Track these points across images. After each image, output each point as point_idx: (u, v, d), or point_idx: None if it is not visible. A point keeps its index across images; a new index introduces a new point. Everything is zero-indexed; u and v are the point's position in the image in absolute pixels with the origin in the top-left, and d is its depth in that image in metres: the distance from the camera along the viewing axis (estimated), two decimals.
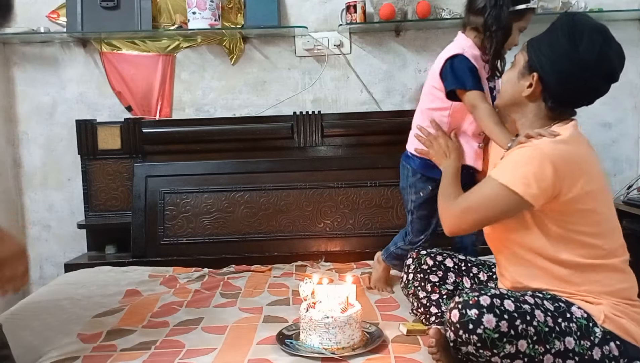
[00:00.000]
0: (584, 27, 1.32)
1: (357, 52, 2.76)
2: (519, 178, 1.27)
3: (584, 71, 1.31)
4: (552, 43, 1.34)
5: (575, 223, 1.30)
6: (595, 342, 1.24)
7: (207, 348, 1.45)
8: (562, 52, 1.31)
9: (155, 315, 1.73)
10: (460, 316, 1.20)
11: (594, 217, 1.31)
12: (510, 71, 1.45)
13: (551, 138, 1.30)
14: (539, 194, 1.26)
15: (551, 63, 1.33)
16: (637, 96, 2.77)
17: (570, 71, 1.32)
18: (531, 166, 1.27)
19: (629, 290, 1.34)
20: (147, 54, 2.74)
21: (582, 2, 2.59)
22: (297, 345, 1.43)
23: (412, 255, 1.69)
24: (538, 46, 1.37)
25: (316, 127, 2.67)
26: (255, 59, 2.76)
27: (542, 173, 1.25)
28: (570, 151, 1.29)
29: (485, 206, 1.34)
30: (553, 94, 1.36)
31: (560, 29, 1.34)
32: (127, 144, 2.65)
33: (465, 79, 1.63)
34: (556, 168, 1.25)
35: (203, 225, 2.51)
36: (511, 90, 1.42)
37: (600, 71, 1.33)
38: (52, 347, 1.49)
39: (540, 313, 1.22)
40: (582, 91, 1.37)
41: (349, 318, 1.41)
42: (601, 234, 1.32)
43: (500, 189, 1.30)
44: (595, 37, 1.31)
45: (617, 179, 2.76)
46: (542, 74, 1.34)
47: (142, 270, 2.31)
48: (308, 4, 2.72)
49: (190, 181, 2.57)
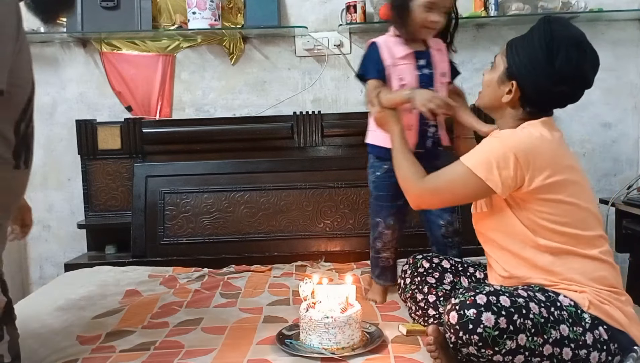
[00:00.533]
0: (560, 41, 1.35)
1: (357, 52, 2.75)
2: (483, 163, 1.35)
3: (560, 85, 1.37)
4: (530, 54, 1.39)
5: (543, 212, 1.35)
6: (586, 327, 1.26)
7: (207, 348, 1.45)
8: (539, 66, 1.37)
9: (155, 315, 1.73)
10: (459, 317, 1.20)
11: (562, 207, 1.34)
12: (490, 74, 1.48)
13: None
14: (501, 182, 1.33)
15: (529, 74, 1.39)
16: (637, 96, 2.77)
17: (546, 84, 1.38)
18: (495, 155, 1.34)
19: (610, 279, 1.36)
20: (147, 54, 2.74)
21: (582, 2, 2.59)
22: (297, 345, 1.43)
23: (409, 261, 1.69)
24: (517, 53, 1.41)
25: (316, 127, 2.67)
26: (255, 59, 2.76)
27: (505, 162, 1.32)
28: (534, 144, 1.34)
29: (451, 188, 1.42)
30: (531, 101, 1.42)
31: (538, 40, 1.38)
32: (127, 144, 2.65)
33: (367, 67, 1.77)
34: (518, 159, 1.31)
35: (203, 225, 2.51)
36: (491, 94, 1.47)
37: (575, 83, 1.40)
38: (51, 350, 1.49)
39: (534, 305, 1.24)
40: (558, 99, 1.43)
41: (348, 318, 1.41)
42: (573, 223, 1.35)
43: (465, 173, 1.37)
44: (572, 52, 1.35)
45: (617, 179, 2.76)
46: (520, 82, 1.40)
47: (141, 270, 2.31)
48: (308, 4, 2.72)
49: (190, 181, 2.57)
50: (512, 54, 1.41)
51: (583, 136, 2.76)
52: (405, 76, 1.74)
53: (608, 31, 2.71)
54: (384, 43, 1.76)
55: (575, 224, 1.35)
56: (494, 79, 1.46)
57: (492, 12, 2.56)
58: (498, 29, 2.72)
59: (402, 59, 1.74)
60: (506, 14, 2.59)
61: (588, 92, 2.84)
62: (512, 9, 2.57)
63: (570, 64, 1.35)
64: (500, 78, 1.43)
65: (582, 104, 2.72)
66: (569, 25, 1.40)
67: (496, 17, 2.58)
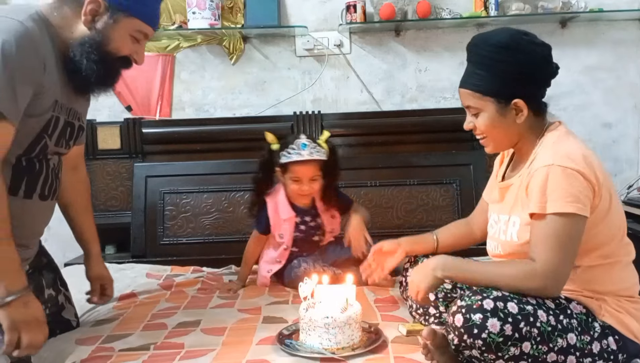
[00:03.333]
0: (510, 40, 1.35)
1: (357, 52, 2.75)
2: (564, 199, 1.23)
3: (543, 65, 1.36)
4: (503, 68, 1.34)
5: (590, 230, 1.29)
6: (595, 336, 1.25)
7: (207, 349, 1.44)
8: (520, 67, 1.34)
9: (153, 317, 1.72)
10: (464, 320, 1.19)
11: (602, 216, 1.31)
12: (483, 118, 1.38)
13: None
14: (589, 206, 1.25)
15: (520, 80, 1.34)
16: (637, 96, 2.76)
17: (537, 71, 1.36)
18: (565, 184, 1.24)
19: (630, 289, 1.34)
20: (147, 54, 2.70)
21: (582, 2, 2.59)
22: (297, 345, 1.43)
23: (410, 259, 1.70)
24: (493, 79, 1.35)
25: (316, 127, 2.66)
26: (255, 59, 2.75)
27: (578, 184, 1.24)
28: (582, 154, 1.29)
29: (565, 247, 1.24)
30: (537, 102, 1.39)
31: (497, 54, 1.34)
32: (127, 144, 2.64)
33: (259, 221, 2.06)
34: (583, 175, 1.25)
35: (203, 225, 2.51)
36: (504, 130, 1.39)
37: (547, 50, 1.38)
38: (50, 352, 1.49)
39: (543, 313, 1.22)
40: (549, 77, 1.40)
41: (348, 318, 1.41)
42: (607, 234, 1.32)
43: (562, 221, 1.24)
44: (522, 37, 1.35)
45: (617, 179, 2.76)
46: (520, 94, 1.35)
47: (139, 269, 2.30)
48: (308, 4, 2.72)
49: (190, 181, 2.56)
50: (491, 84, 1.35)
51: (583, 136, 2.73)
52: (284, 234, 2.00)
53: (608, 31, 2.71)
54: (272, 203, 2.00)
55: (613, 235, 1.33)
56: (493, 119, 1.37)
57: (492, 12, 2.56)
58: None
59: (285, 221, 1.99)
60: (506, 14, 2.59)
61: (588, 92, 2.84)
62: (512, 9, 2.57)
63: (534, 44, 1.35)
64: (498, 111, 1.36)
65: (582, 104, 2.75)
66: (497, 31, 1.42)
67: (496, 17, 2.58)
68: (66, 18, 1.42)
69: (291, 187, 1.95)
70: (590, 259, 1.32)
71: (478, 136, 1.44)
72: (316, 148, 1.92)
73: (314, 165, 1.92)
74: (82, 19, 1.40)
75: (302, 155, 1.89)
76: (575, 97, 2.75)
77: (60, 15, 1.41)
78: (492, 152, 1.47)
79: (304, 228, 2.03)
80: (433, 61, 2.74)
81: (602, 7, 2.62)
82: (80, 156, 1.79)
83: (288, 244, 2.01)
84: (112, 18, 1.40)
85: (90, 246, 1.80)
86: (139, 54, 1.50)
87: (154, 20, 1.49)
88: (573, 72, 2.73)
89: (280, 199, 2.00)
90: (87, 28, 1.40)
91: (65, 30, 1.42)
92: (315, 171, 1.93)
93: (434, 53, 2.73)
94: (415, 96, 2.77)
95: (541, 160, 1.30)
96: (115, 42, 1.43)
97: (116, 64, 1.48)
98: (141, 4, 1.44)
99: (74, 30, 1.42)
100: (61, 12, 1.41)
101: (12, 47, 1.26)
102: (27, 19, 1.33)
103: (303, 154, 1.89)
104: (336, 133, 2.66)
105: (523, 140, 1.41)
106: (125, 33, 1.44)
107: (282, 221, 1.99)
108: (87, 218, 1.81)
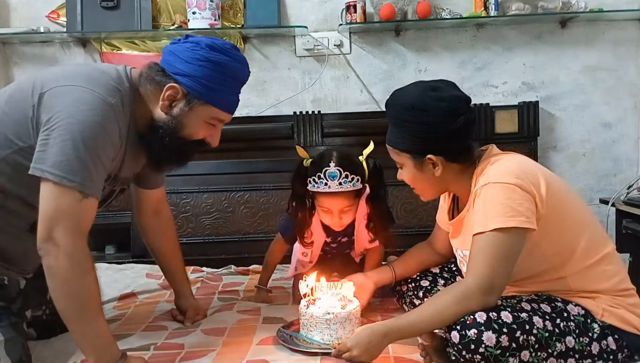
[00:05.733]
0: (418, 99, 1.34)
1: (357, 52, 2.75)
2: (503, 213, 1.23)
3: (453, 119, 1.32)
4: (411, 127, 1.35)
5: (553, 234, 1.30)
6: (594, 337, 1.26)
7: (207, 349, 1.44)
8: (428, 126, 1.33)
9: (154, 319, 1.72)
10: (460, 337, 1.19)
11: (565, 216, 1.32)
12: (407, 173, 1.42)
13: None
14: (531, 217, 1.25)
15: (430, 140, 1.35)
16: (637, 96, 2.76)
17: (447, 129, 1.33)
18: (502, 199, 1.24)
19: (622, 282, 1.35)
20: (147, 54, 2.73)
21: (582, 2, 2.59)
22: (299, 336, 1.45)
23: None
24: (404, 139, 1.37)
25: (316, 127, 2.67)
26: (255, 59, 2.75)
27: (515, 196, 1.24)
28: (515, 165, 1.30)
29: (502, 262, 1.24)
30: (452, 153, 1.37)
31: (398, 117, 1.37)
32: None
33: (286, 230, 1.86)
34: (519, 186, 1.25)
35: (203, 225, 2.51)
36: (427, 183, 1.42)
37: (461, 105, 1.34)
38: (49, 352, 1.49)
39: (539, 319, 1.22)
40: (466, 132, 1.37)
41: (349, 314, 1.43)
42: (579, 233, 1.33)
43: (501, 236, 1.23)
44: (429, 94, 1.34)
45: (617, 179, 2.76)
46: (431, 151, 1.35)
47: (139, 269, 2.30)
48: (308, 4, 2.72)
49: (190, 181, 2.56)
50: (403, 142, 1.37)
51: (583, 136, 2.76)
52: (308, 253, 1.83)
53: (608, 31, 2.71)
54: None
55: (579, 234, 1.33)
56: (413, 173, 1.41)
57: (492, 12, 2.55)
58: (498, 29, 2.71)
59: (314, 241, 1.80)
60: (506, 14, 2.59)
61: (588, 92, 2.84)
62: (512, 9, 2.57)
63: (440, 100, 1.32)
64: (416, 167, 1.39)
65: (582, 104, 2.75)
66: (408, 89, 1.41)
67: (496, 17, 2.58)
68: (148, 95, 1.40)
69: (322, 216, 1.74)
70: (572, 266, 1.32)
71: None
72: (348, 177, 1.62)
73: (344, 197, 1.65)
74: (160, 104, 1.38)
75: (330, 186, 1.62)
76: (575, 97, 2.75)
77: (144, 90, 1.40)
78: (426, 200, 1.51)
79: (335, 246, 1.86)
80: (433, 61, 2.74)
81: (602, 7, 2.61)
82: (161, 201, 1.77)
83: (313, 260, 1.86)
84: (189, 106, 1.38)
85: (182, 287, 1.78)
86: (214, 137, 1.49)
87: (231, 107, 1.46)
88: (573, 72, 2.73)
89: (314, 219, 1.78)
90: (164, 113, 1.39)
91: (145, 106, 1.41)
92: (347, 202, 1.67)
93: (433, 53, 2.74)
94: None
95: (479, 183, 1.31)
96: (189, 129, 1.41)
97: (189, 146, 1.46)
98: (219, 93, 1.39)
99: (152, 109, 1.40)
100: (145, 87, 1.40)
101: (100, 128, 1.26)
102: (114, 91, 1.32)
103: (330, 186, 1.62)
104: (336, 133, 2.68)
105: (454, 184, 1.43)
106: (200, 120, 1.41)
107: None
108: (178, 261, 1.79)
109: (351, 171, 1.63)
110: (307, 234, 1.78)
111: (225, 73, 1.38)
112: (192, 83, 1.36)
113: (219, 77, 1.37)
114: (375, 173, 1.72)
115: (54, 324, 1.50)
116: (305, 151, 1.77)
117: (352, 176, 1.63)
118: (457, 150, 1.37)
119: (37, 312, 1.57)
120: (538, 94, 2.72)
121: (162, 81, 1.37)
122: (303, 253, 1.84)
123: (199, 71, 1.35)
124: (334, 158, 1.65)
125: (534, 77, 2.73)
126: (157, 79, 1.38)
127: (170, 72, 1.37)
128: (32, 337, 1.54)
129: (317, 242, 1.81)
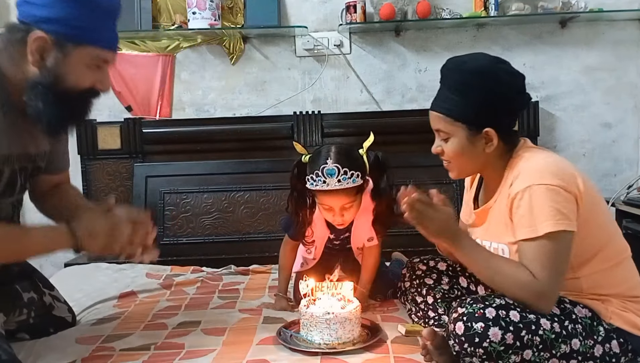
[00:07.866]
0: (486, 66, 1.34)
1: (357, 52, 2.76)
2: (553, 217, 1.22)
3: (516, 93, 1.35)
4: (477, 95, 1.32)
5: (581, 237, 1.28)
6: (598, 340, 1.25)
7: (207, 349, 1.44)
8: (494, 96, 1.31)
9: (154, 317, 1.73)
10: (465, 329, 1.19)
11: (592, 218, 1.30)
12: (452, 144, 1.36)
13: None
14: (575, 219, 1.24)
15: (493, 111, 1.33)
16: (637, 96, 2.76)
17: (509, 103, 1.34)
18: (549, 202, 1.22)
19: (634, 288, 1.34)
20: (147, 54, 2.74)
21: (582, 2, 2.59)
22: (299, 336, 1.45)
23: (407, 265, 1.70)
24: (465, 106, 1.32)
25: (316, 127, 2.67)
26: (255, 59, 2.75)
27: (560, 199, 1.23)
28: (555, 165, 1.28)
29: (558, 262, 1.23)
30: (507, 132, 1.36)
31: (465, 83, 1.33)
32: (127, 144, 2.64)
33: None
34: (562, 187, 1.23)
35: (203, 225, 2.51)
36: (471, 158, 1.37)
37: (520, 80, 1.37)
38: (50, 350, 1.48)
39: (546, 320, 1.22)
40: (521, 106, 1.39)
41: (349, 313, 1.43)
42: (600, 237, 1.32)
43: (552, 239, 1.22)
44: (498, 65, 1.35)
45: (617, 179, 2.76)
46: (491, 124, 1.32)
47: (139, 268, 2.30)
48: (308, 4, 2.72)
49: (190, 181, 2.57)
50: (464, 110, 1.32)
51: (583, 136, 2.76)
52: (312, 250, 1.80)
53: (608, 31, 2.71)
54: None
55: (604, 237, 1.32)
56: (462, 146, 1.35)
57: (492, 12, 2.55)
58: (498, 29, 2.71)
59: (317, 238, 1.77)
60: (506, 14, 2.59)
61: (588, 92, 2.85)
62: (512, 9, 2.57)
63: (510, 74, 1.33)
64: (469, 138, 1.34)
65: (582, 104, 2.75)
66: (473, 56, 1.39)
67: (496, 17, 2.58)
68: (15, 58, 1.27)
69: (323, 213, 1.69)
70: (591, 267, 1.31)
71: (444, 160, 1.42)
72: (347, 173, 1.57)
73: (344, 194, 1.60)
74: (30, 59, 1.25)
75: (328, 184, 1.57)
76: (575, 97, 2.75)
77: (9, 54, 1.28)
78: (455, 178, 1.47)
79: (338, 242, 1.82)
80: (433, 61, 2.73)
81: (602, 7, 2.61)
82: (61, 183, 1.60)
83: (316, 257, 1.82)
84: (62, 52, 1.25)
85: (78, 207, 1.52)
86: (103, 81, 1.34)
87: (111, 43, 1.32)
88: (573, 72, 2.73)
89: (316, 215, 1.73)
90: (37, 68, 1.26)
91: (16, 70, 1.28)
92: (347, 199, 1.61)
93: (433, 53, 2.73)
94: (415, 96, 2.77)
95: (519, 184, 1.27)
96: (72, 78, 1.28)
97: (80, 98, 1.33)
98: (92, 30, 1.26)
99: (24, 72, 1.27)
100: (9, 51, 1.28)
101: None
102: None
103: (329, 184, 1.57)
104: (336, 133, 2.68)
105: (490, 167, 1.40)
106: (81, 65, 1.28)
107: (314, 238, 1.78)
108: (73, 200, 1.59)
109: (350, 167, 1.57)
110: (309, 232, 1.75)
111: (92, 7, 1.26)
112: (59, 27, 1.23)
113: (87, 12, 1.25)
114: (377, 165, 1.67)
115: (44, 325, 1.48)
116: (303, 147, 1.74)
117: (351, 172, 1.57)
118: (512, 130, 1.37)
119: (21, 317, 1.52)
120: (538, 94, 2.72)
121: (24, 35, 1.24)
122: (307, 250, 1.82)
123: (62, 11, 1.23)
124: (332, 154, 1.59)
125: (534, 77, 2.72)
126: (19, 36, 1.25)
127: (31, 23, 1.25)
128: (24, 340, 1.53)
129: (320, 239, 1.78)
